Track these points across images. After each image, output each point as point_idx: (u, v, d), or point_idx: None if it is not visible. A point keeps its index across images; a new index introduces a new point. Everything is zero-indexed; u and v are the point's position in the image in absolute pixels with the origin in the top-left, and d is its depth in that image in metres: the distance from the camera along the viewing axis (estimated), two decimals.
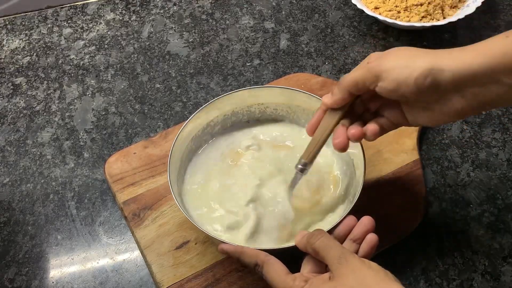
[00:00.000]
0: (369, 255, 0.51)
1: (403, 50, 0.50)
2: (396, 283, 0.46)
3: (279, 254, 0.52)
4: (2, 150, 0.77)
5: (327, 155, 0.66)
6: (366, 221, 0.53)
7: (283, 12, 0.93)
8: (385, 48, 0.85)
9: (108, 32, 0.92)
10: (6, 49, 0.90)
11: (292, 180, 0.60)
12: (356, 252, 0.52)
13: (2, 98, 0.84)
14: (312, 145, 0.56)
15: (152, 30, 0.91)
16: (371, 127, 0.53)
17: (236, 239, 0.59)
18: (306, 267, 0.52)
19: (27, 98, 0.83)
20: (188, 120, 0.64)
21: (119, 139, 0.77)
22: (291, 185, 0.60)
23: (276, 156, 0.66)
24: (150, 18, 0.93)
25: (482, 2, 0.83)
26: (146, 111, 0.80)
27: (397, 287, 0.45)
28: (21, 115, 0.81)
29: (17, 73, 0.87)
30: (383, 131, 0.54)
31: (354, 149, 0.61)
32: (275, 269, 0.51)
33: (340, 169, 0.66)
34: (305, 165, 0.57)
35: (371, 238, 0.52)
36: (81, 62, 0.87)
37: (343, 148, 0.54)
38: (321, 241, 0.50)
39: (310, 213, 0.62)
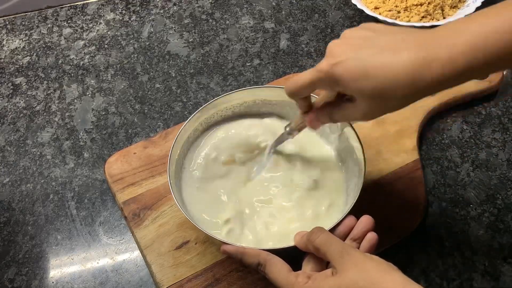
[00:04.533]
0: (369, 253, 0.51)
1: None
2: (399, 273, 0.46)
3: (280, 254, 0.52)
4: (2, 150, 0.77)
5: (328, 154, 0.66)
6: (366, 220, 0.53)
7: (283, 12, 0.93)
8: None
9: (108, 32, 0.92)
10: (6, 49, 0.90)
11: (278, 138, 0.63)
12: None
13: (2, 98, 0.84)
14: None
15: (152, 30, 0.91)
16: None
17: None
18: (307, 266, 0.52)
19: (27, 98, 0.83)
20: (188, 120, 0.64)
21: (119, 139, 0.77)
22: (275, 142, 0.64)
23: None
24: (150, 18, 0.93)
25: (482, 2, 0.83)
26: (146, 111, 0.80)
27: (400, 277, 0.45)
28: (21, 115, 0.81)
29: (17, 73, 0.87)
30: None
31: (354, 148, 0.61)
32: (278, 268, 0.51)
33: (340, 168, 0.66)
34: (292, 131, 0.62)
35: (371, 236, 0.52)
36: (81, 62, 0.87)
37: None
38: (322, 238, 0.50)
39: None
